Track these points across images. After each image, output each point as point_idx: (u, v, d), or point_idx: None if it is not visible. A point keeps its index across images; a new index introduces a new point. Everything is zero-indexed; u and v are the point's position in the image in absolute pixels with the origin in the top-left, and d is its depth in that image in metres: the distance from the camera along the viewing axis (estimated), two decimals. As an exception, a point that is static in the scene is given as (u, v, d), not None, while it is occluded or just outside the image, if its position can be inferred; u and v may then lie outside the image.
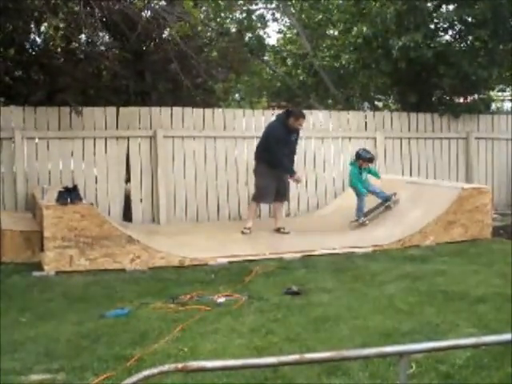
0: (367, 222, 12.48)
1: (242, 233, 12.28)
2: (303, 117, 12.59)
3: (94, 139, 13.18)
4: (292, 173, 12.45)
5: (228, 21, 21.51)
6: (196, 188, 13.90)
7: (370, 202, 12.72)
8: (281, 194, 12.66)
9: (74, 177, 12.93)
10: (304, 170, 14.07)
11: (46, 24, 13.93)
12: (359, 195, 12.67)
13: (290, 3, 21.30)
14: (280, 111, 13.81)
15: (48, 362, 5.97)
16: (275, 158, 12.23)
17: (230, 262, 10.05)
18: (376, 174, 13.17)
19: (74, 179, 12.72)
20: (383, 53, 15.68)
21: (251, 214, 12.73)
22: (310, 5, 20.94)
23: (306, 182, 14.57)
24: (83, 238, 9.56)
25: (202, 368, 3.43)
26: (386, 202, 12.62)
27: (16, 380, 5.58)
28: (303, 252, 10.63)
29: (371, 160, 13.04)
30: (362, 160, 12.78)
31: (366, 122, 15.53)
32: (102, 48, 13.81)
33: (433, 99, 16.58)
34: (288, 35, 23.62)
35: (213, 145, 14.05)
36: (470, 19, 15.64)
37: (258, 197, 12.76)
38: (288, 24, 22.72)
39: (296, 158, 12.97)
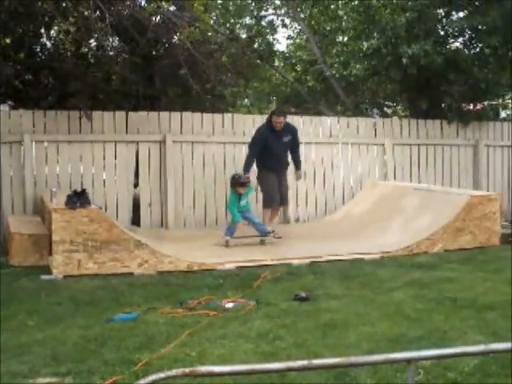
0: (231, 242, 11.91)
1: (274, 238, 12.28)
2: (276, 115, 12.62)
3: (104, 143, 13.21)
4: (244, 171, 12.48)
5: (237, 26, 21.54)
6: (205, 193, 13.91)
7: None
8: (284, 197, 12.76)
9: (83, 181, 12.95)
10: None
11: (56, 28, 13.99)
12: (232, 220, 12.22)
13: (299, 9, 21.31)
14: (291, 117, 13.98)
15: (55, 365, 5.97)
16: (245, 159, 12.67)
17: (238, 268, 10.06)
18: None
19: (82, 183, 12.75)
20: (393, 60, 15.67)
21: (266, 219, 12.73)
22: (320, 11, 20.96)
23: (315, 187, 14.62)
24: (91, 241, 9.58)
25: (210, 373, 3.43)
26: (264, 235, 12.15)
27: (23, 383, 5.59)
28: (311, 258, 10.63)
29: (245, 185, 12.10)
30: (238, 185, 12.08)
31: (375, 129, 15.54)
32: (112, 53, 13.85)
33: (442, 106, 16.55)
34: (297, 41, 23.63)
35: (222, 150, 14.07)
36: (480, 26, 15.64)
37: (268, 201, 12.78)
38: (298, 30, 22.73)
39: (303, 158, 13.25)
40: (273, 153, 12.42)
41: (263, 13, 21.78)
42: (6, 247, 11.02)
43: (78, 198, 9.86)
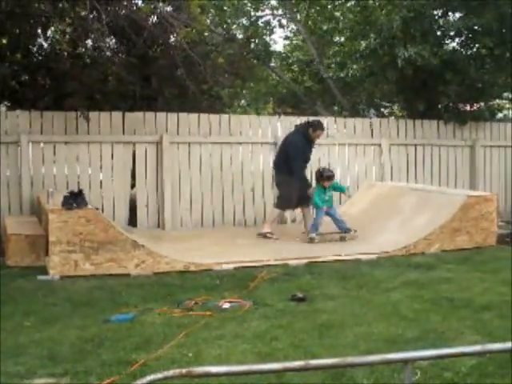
0: (316, 240, 12.12)
1: (265, 237, 12.41)
2: (321, 129, 12.91)
3: (100, 144, 13.21)
4: (300, 181, 12.61)
5: (234, 27, 21.54)
6: (201, 194, 13.91)
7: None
8: (305, 199, 12.75)
9: (80, 181, 12.94)
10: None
11: (52, 28, 13.97)
12: (317, 210, 12.40)
13: (296, 10, 21.31)
14: (288, 117, 13.97)
15: (52, 366, 5.96)
16: (295, 171, 12.52)
17: (235, 268, 10.04)
18: (341, 189, 12.97)
19: (79, 184, 12.74)
20: (389, 60, 15.67)
21: (271, 219, 12.85)
22: (317, 12, 20.96)
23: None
24: (88, 242, 9.56)
25: (207, 373, 3.43)
26: (344, 232, 12.33)
27: (20, 384, 5.59)
28: (308, 258, 10.62)
29: (330, 178, 12.45)
30: (323, 179, 12.37)
31: (371, 129, 15.55)
32: (109, 53, 13.82)
33: (439, 106, 16.56)
34: (294, 42, 23.64)
35: (219, 151, 14.07)
36: (476, 27, 15.64)
37: (282, 204, 12.90)
38: (294, 30, 22.73)
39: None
40: (306, 162, 12.65)
41: (260, 13, 21.78)
42: (2, 248, 10.99)
43: (75, 199, 9.84)
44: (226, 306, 7.93)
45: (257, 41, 20.19)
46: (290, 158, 12.54)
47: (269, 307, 7.91)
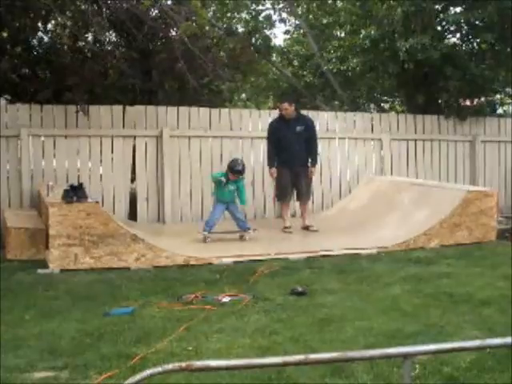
0: (209, 239, 11.57)
1: (284, 232, 12.41)
2: (280, 102, 13.04)
3: (101, 138, 13.20)
4: (270, 166, 12.77)
5: (234, 21, 21.51)
6: (201, 188, 13.90)
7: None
8: (301, 193, 12.88)
9: (80, 175, 12.94)
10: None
11: (53, 22, 13.95)
12: (216, 205, 12.01)
13: (296, 4, 21.28)
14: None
15: (52, 359, 5.96)
16: (267, 158, 12.86)
17: (235, 262, 10.04)
18: (242, 198, 12.07)
19: (79, 177, 12.73)
20: (390, 55, 15.66)
21: (283, 214, 12.94)
22: (318, 6, 20.94)
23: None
24: (88, 236, 9.56)
25: (206, 367, 3.43)
26: (244, 231, 11.93)
27: (19, 377, 5.58)
28: (308, 253, 10.62)
29: (237, 173, 11.72)
30: (230, 171, 11.75)
31: (372, 124, 15.53)
32: (109, 47, 13.81)
33: (439, 101, 16.55)
34: (295, 36, 23.60)
35: (219, 145, 14.07)
36: (476, 22, 15.63)
37: (278, 196, 13.05)
38: (295, 25, 22.71)
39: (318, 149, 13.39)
40: (285, 144, 12.46)
41: (261, 7, 21.73)
42: (2, 241, 10.99)
43: (75, 193, 9.84)
44: (226, 300, 7.94)
45: (257, 35, 20.14)
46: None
47: (269, 301, 7.91)
